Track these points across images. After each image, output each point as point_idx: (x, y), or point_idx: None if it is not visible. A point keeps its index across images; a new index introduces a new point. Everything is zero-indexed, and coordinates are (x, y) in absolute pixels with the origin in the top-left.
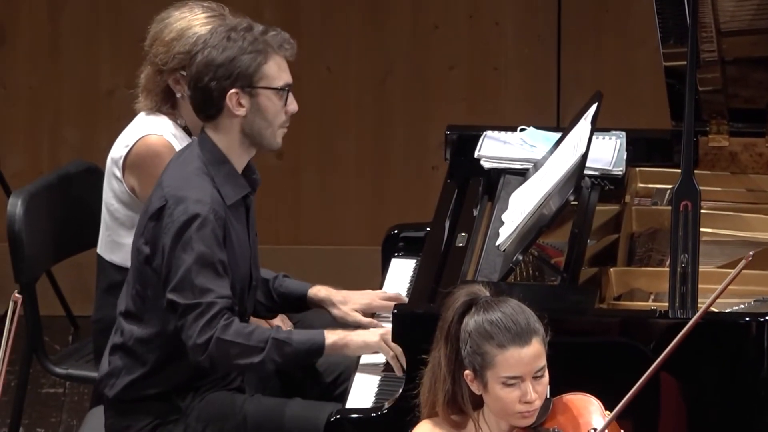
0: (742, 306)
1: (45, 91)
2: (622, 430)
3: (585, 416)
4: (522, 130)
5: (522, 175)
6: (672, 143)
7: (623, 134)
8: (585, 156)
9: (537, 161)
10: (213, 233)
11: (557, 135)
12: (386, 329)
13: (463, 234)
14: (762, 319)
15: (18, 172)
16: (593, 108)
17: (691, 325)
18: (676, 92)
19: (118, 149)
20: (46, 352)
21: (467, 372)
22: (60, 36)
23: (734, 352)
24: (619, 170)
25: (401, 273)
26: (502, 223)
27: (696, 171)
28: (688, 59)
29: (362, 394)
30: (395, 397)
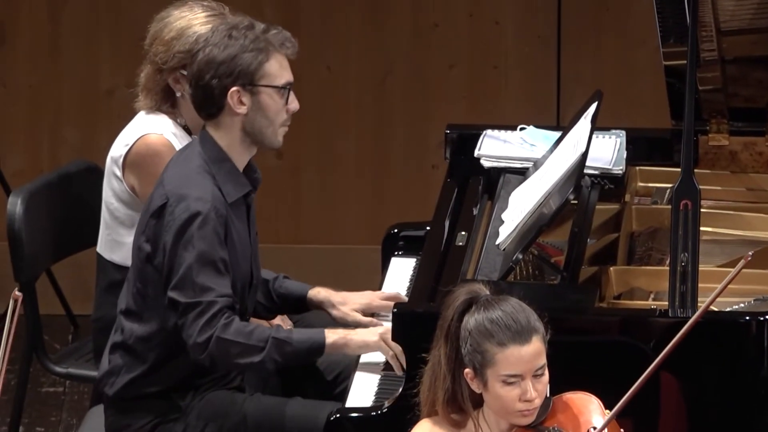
0: (742, 305)
1: (45, 91)
2: (622, 429)
3: (585, 415)
4: (522, 129)
5: (522, 174)
6: (672, 142)
7: (623, 133)
8: (585, 155)
9: (537, 160)
10: (214, 231)
11: (557, 134)
12: (385, 328)
13: (463, 233)
14: (762, 318)
15: (18, 172)
16: (593, 107)
17: (691, 325)
18: (676, 91)
19: (118, 148)
20: (46, 351)
21: (467, 370)
22: (60, 35)
23: (734, 351)
24: (619, 169)
25: (401, 272)
26: (502, 222)
27: (696, 170)
28: (688, 58)
29: (362, 393)
30: (395, 396)
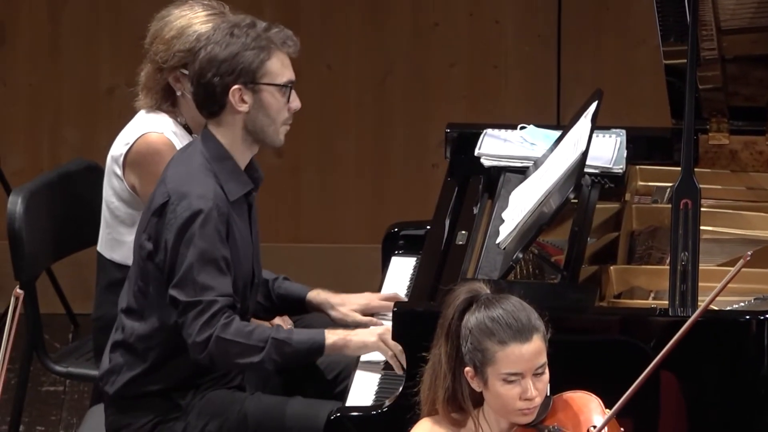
0: (743, 304)
1: (45, 90)
2: (622, 429)
3: (585, 414)
4: (522, 128)
5: (522, 173)
6: (672, 141)
7: (623, 132)
8: (585, 154)
9: (537, 159)
10: (216, 230)
11: (557, 133)
12: (384, 329)
13: (464, 232)
14: (762, 318)
15: (18, 171)
16: (593, 106)
17: (690, 324)
18: (677, 90)
19: (119, 147)
20: (46, 350)
21: (468, 369)
22: (60, 35)
23: (734, 351)
24: (620, 168)
25: (401, 271)
26: (503, 221)
27: (696, 169)
28: (689, 57)
29: (362, 392)
30: (395, 396)
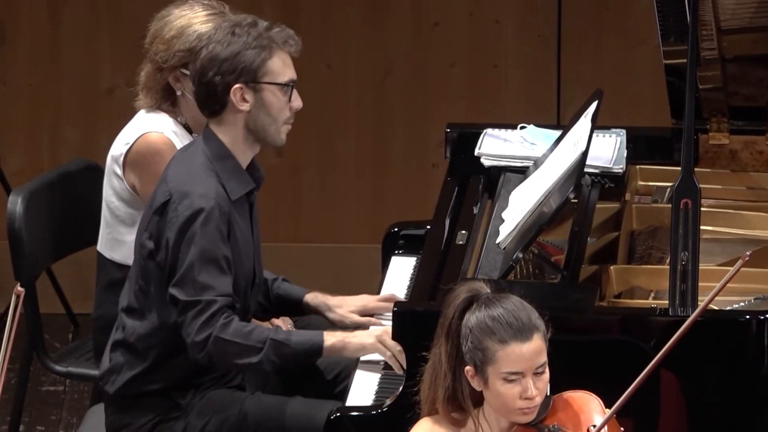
0: (743, 304)
1: (45, 90)
2: (622, 428)
3: (585, 413)
4: (522, 128)
5: (522, 173)
6: (672, 141)
7: (623, 132)
8: (585, 154)
9: (537, 159)
10: (217, 229)
11: (557, 133)
12: (383, 330)
13: (464, 232)
14: (762, 317)
15: (18, 171)
16: (593, 106)
17: (688, 325)
18: (677, 90)
19: (119, 147)
20: (46, 350)
21: (468, 368)
22: (60, 35)
23: (734, 350)
24: (620, 168)
25: (401, 271)
26: (503, 221)
27: (696, 169)
28: (689, 57)
29: (362, 392)
30: (395, 395)
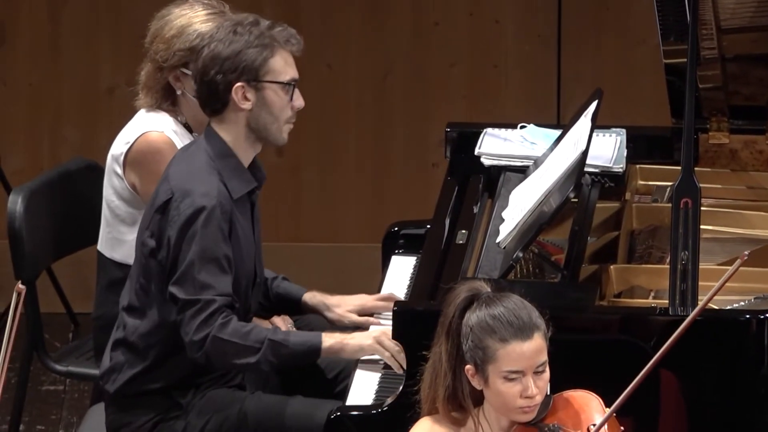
0: (743, 303)
1: (45, 90)
2: (622, 428)
3: (585, 413)
4: (522, 128)
5: (522, 173)
6: (672, 140)
7: (623, 131)
8: (585, 153)
9: (537, 158)
10: (219, 228)
11: (557, 132)
12: (380, 331)
13: (464, 231)
14: (762, 317)
15: (18, 171)
16: (593, 105)
17: (687, 324)
18: (677, 89)
19: (119, 146)
20: (47, 350)
21: (468, 367)
22: (60, 35)
23: (734, 350)
24: (620, 167)
25: (401, 270)
26: (503, 221)
27: (696, 168)
28: (689, 56)
29: (363, 392)
30: (396, 395)
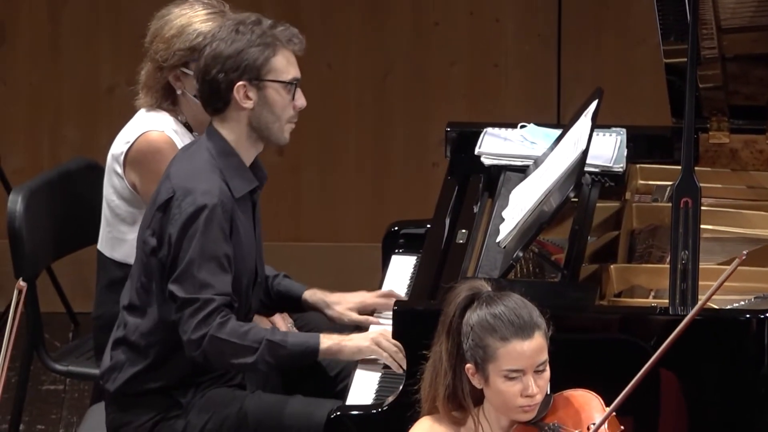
0: (743, 303)
1: (45, 89)
2: (622, 427)
3: (585, 412)
4: (522, 127)
5: (522, 172)
6: (672, 140)
7: (624, 131)
8: (585, 153)
9: (537, 158)
10: (220, 226)
11: (558, 132)
12: (378, 332)
13: (464, 231)
14: (762, 316)
15: (18, 170)
16: (593, 104)
17: (686, 324)
18: (677, 89)
19: (119, 145)
20: (47, 349)
21: (468, 366)
22: (60, 35)
23: (734, 350)
24: (620, 167)
25: (401, 270)
26: (503, 220)
27: (696, 168)
28: (689, 56)
29: (363, 391)
30: (396, 394)
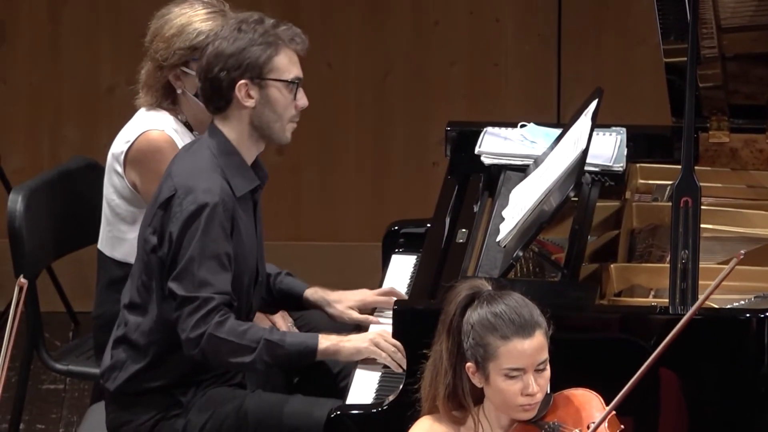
0: (743, 302)
1: (45, 89)
2: (622, 426)
3: (586, 411)
4: (523, 126)
5: (522, 171)
6: (672, 139)
7: (623, 130)
8: (585, 152)
9: (537, 157)
10: (220, 225)
11: (558, 131)
12: (377, 333)
13: (464, 230)
14: (762, 316)
15: (18, 170)
16: (593, 104)
17: (684, 323)
18: (677, 89)
19: (119, 144)
20: (47, 349)
21: (469, 364)
22: (60, 34)
23: (734, 349)
24: (620, 166)
25: (401, 269)
26: (503, 219)
27: (696, 167)
28: (689, 55)
29: (363, 390)
30: (396, 393)
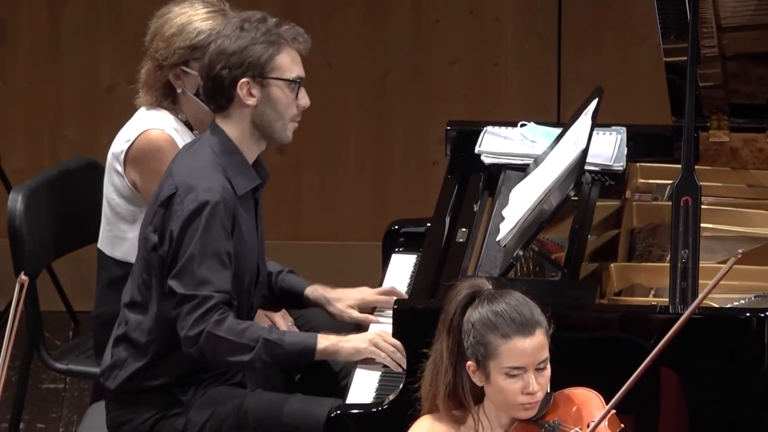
0: (743, 302)
1: (45, 89)
2: (623, 425)
3: (586, 410)
4: (523, 126)
5: (522, 171)
6: (672, 139)
7: (624, 130)
8: (585, 151)
9: (537, 156)
10: (221, 224)
11: (558, 130)
12: (376, 333)
13: (464, 229)
14: (762, 315)
15: (18, 169)
16: (594, 103)
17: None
18: (677, 88)
19: (119, 144)
20: (47, 348)
21: (469, 363)
22: (60, 34)
23: (735, 348)
24: (620, 166)
25: (402, 268)
26: (503, 219)
27: (696, 166)
28: (689, 55)
29: (363, 389)
30: (396, 392)
